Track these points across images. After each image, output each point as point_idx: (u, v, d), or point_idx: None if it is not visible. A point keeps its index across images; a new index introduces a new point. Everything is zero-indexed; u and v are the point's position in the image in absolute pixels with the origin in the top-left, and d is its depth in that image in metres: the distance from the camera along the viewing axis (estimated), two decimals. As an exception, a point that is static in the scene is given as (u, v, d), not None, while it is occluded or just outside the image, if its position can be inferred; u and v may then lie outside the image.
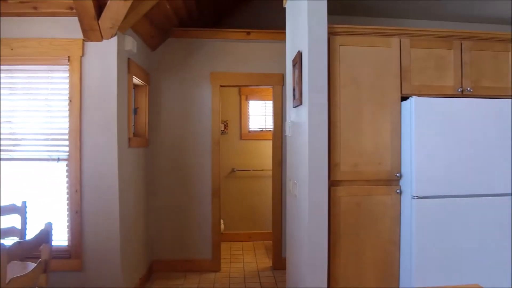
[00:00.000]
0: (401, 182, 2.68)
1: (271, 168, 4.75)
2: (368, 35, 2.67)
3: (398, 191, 2.67)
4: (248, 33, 4.33)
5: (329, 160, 2.58)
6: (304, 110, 2.59)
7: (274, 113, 4.39)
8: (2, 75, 3.23)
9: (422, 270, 2.56)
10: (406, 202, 2.63)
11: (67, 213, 3.16)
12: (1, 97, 3.22)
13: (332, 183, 2.61)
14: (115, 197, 3.16)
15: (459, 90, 2.72)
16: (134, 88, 3.90)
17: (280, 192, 4.41)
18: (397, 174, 2.66)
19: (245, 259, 4.84)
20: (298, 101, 2.66)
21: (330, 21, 2.57)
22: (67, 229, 3.17)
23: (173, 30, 4.25)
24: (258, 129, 5.75)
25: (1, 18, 3.17)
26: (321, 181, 2.53)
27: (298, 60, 2.63)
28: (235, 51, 4.36)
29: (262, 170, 5.61)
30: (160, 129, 4.32)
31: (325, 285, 2.57)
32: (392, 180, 2.69)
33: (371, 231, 2.67)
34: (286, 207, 4.20)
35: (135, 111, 3.97)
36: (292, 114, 3.06)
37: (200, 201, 4.37)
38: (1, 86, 3.23)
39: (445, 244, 2.59)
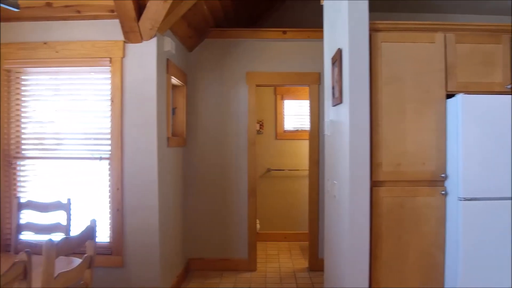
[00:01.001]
0: (447, 183, 2.58)
1: (306, 168, 4.70)
2: (411, 30, 2.58)
3: (443, 192, 2.57)
4: (284, 32, 4.30)
5: (371, 159, 2.51)
6: (344, 108, 2.54)
7: (311, 112, 4.34)
8: (47, 77, 3.35)
9: (468, 275, 2.45)
10: (452, 204, 2.52)
11: (109, 210, 3.25)
12: (47, 98, 3.35)
13: (374, 184, 2.55)
14: (155, 196, 3.22)
15: (509, 87, 2.58)
16: (172, 89, 3.96)
17: (317, 192, 4.35)
18: (442, 175, 2.56)
19: (280, 259, 4.81)
20: (338, 100, 2.60)
21: (371, 18, 2.50)
22: (109, 226, 3.25)
23: (210, 30, 4.29)
24: (294, 129, 5.71)
25: (47, 22, 3.29)
26: (362, 182, 2.47)
27: (338, 57, 2.58)
28: (271, 50, 4.35)
29: (297, 170, 5.56)
30: (198, 129, 4.36)
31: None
32: (436, 181, 2.59)
33: (414, 234, 2.58)
34: (322, 207, 4.15)
35: (173, 111, 4.03)
36: (331, 113, 3.01)
37: (236, 200, 4.38)
38: (47, 88, 3.35)
39: (493, 248, 2.46)
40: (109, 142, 3.23)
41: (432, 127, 2.56)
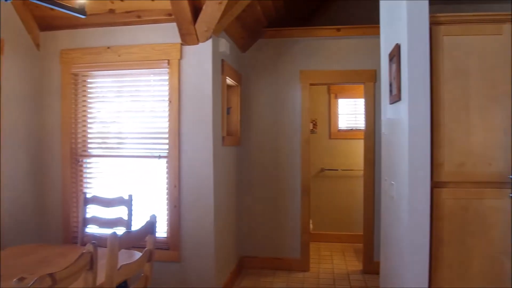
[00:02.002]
0: (516, 185, 2.40)
1: (361, 168, 4.59)
2: (476, 22, 2.42)
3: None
4: (338, 30, 4.23)
5: (432, 159, 2.40)
6: (403, 106, 2.45)
7: (366, 111, 4.23)
8: (110, 79, 3.53)
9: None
10: (522, 207, 2.34)
11: (167, 207, 3.37)
12: (110, 99, 3.53)
13: (435, 184, 2.42)
14: (210, 193, 3.29)
15: None
16: (227, 89, 4.03)
17: (372, 193, 4.23)
18: (511, 176, 2.39)
19: (334, 260, 4.74)
20: (396, 97, 2.51)
21: (431, 11, 2.39)
22: (166, 222, 3.37)
23: (263, 31, 4.31)
24: (348, 128, 5.60)
25: (110, 27, 3.48)
26: (422, 182, 2.36)
27: (396, 53, 2.49)
28: (325, 48, 4.29)
29: (351, 170, 5.45)
30: (251, 128, 4.41)
31: (426, 293, 2.40)
32: (504, 183, 2.42)
33: (480, 239, 2.43)
34: (378, 208, 4.03)
35: (228, 111, 4.10)
36: (389, 111, 2.91)
37: (289, 199, 4.37)
38: (110, 90, 3.54)
39: None
40: (167, 141, 3.35)
41: (498, 125, 2.40)
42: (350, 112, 5.64)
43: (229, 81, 3.85)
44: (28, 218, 3.48)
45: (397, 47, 2.48)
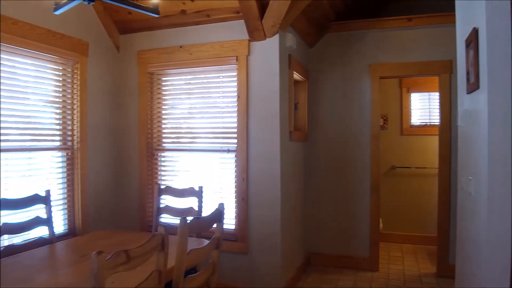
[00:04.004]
0: None
1: (435, 166, 4.35)
2: None
3: None
4: (410, 20, 4.04)
5: (514, 152, 2.21)
6: (482, 95, 2.28)
7: (441, 104, 4.00)
8: (182, 77, 3.71)
9: None
10: None
11: (235, 199, 3.46)
12: (182, 96, 3.70)
13: (518, 179, 2.23)
14: (277, 187, 3.32)
15: None
16: (294, 84, 4.04)
17: (448, 192, 3.99)
18: None
19: (405, 262, 4.54)
20: (474, 85, 2.35)
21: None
22: (234, 214, 3.46)
23: (330, 25, 4.26)
24: (421, 124, 5.33)
25: (182, 27, 3.65)
26: (503, 177, 2.18)
27: (473, 38, 2.33)
28: (395, 40, 4.13)
29: (425, 168, 5.17)
30: (319, 123, 4.37)
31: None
32: None
33: None
34: (454, 209, 3.80)
35: (296, 106, 4.10)
36: (466, 101, 2.73)
37: (358, 197, 4.27)
38: (182, 87, 3.71)
39: None
40: (235, 135, 3.45)
41: None
42: (424, 107, 5.36)
43: (296, 76, 3.86)
44: (108, 206, 3.78)
45: (475, 32, 2.32)
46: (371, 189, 4.21)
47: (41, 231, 2.79)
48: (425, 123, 5.31)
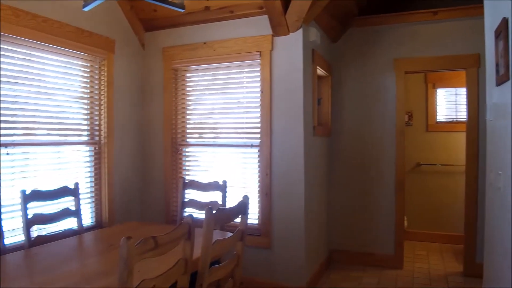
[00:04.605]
0: None
1: (462, 163, 4.26)
2: None
3: None
4: (435, 13, 3.96)
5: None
6: (512, 86, 2.22)
7: (468, 99, 3.90)
8: (205, 73, 3.74)
9: None
10: None
11: (258, 194, 3.47)
12: (205, 92, 3.74)
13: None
14: (301, 183, 3.32)
15: None
16: (317, 79, 4.02)
17: (475, 190, 3.89)
18: None
19: (430, 260, 4.46)
20: (504, 77, 2.29)
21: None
22: (258, 209, 3.48)
23: (353, 20, 4.22)
24: (448, 120, 5.22)
25: (205, 24, 3.68)
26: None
27: (503, 28, 2.27)
28: (421, 34, 4.06)
29: (451, 165, 5.07)
30: (343, 119, 4.34)
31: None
32: None
33: None
34: (482, 207, 3.71)
35: (319, 101, 4.09)
36: (495, 94, 2.66)
37: (382, 194, 4.22)
38: (206, 83, 3.74)
39: None
40: (259, 130, 3.46)
41: None
42: (450, 103, 5.25)
43: (319, 71, 3.84)
44: (133, 199, 3.86)
45: (504, 22, 2.26)
46: (396, 186, 4.15)
47: (70, 223, 2.87)
48: (451, 120, 5.20)
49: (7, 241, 2.58)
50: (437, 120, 5.23)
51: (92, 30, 3.34)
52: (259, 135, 3.46)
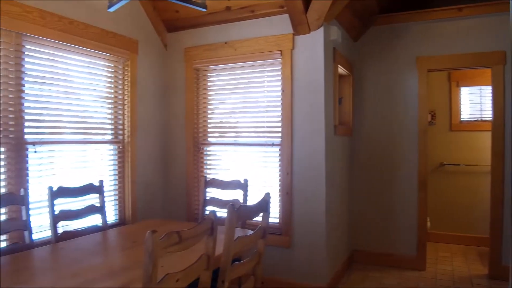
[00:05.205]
0: None
1: (487, 163, 4.17)
2: None
3: None
4: (460, 9, 3.89)
5: None
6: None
7: (494, 98, 3.81)
8: (226, 72, 3.77)
9: None
10: None
11: (279, 193, 3.48)
12: (226, 91, 3.77)
13: None
14: (322, 182, 3.31)
15: None
16: (338, 78, 4.00)
17: (501, 190, 3.80)
18: None
19: (454, 262, 4.37)
20: (532, 74, 2.24)
21: None
22: (278, 208, 3.48)
23: (375, 18, 4.19)
24: (472, 119, 5.11)
25: (226, 24, 3.71)
26: None
27: (531, 25, 2.23)
28: (444, 31, 3.99)
29: (476, 165, 4.96)
30: (364, 118, 4.31)
31: None
32: None
33: None
34: (508, 208, 3.63)
35: (340, 100, 4.06)
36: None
37: (404, 194, 4.16)
38: (227, 82, 3.77)
39: None
40: (279, 129, 3.47)
41: None
42: (474, 102, 5.14)
43: (341, 70, 3.83)
44: (155, 197, 3.92)
45: (533, 17, 2.21)
46: (419, 186, 4.09)
47: (94, 219, 2.94)
48: (475, 119, 5.09)
49: (35, 236, 2.66)
50: (461, 119, 5.12)
51: (116, 31, 3.41)
52: (279, 134, 3.47)
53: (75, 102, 3.13)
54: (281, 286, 3.44)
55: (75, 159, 3.17)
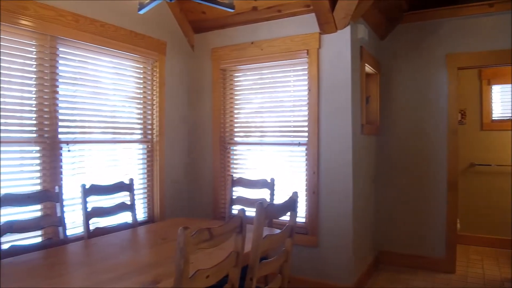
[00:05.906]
0: None
1: (522, 163, 4.04)
2: None
3: None
4: (491, 5, 3.78)
5: None
6: None
7: (528, 96, 3.70)
8: (253, 72, 3.79)
9: None
10: None
11: (305, 192, 3.47)
12: (253, 91, 3.79)
13: None
14: (349, 181, 3.28)
15: None
16: (365, 77, 3.96)
17: (536, 190, 3.68)
18: None
19: (484, 265, 4.25)
20: None
21: None
22: (305, 208, 3.47)
23: (402, 15, 4.12)
24: (505, 118, 4.95)
25: (253, 24, 3.73)
26: None
27: None
28: (475, 27, 3.89)
29: (508, 165, 4.81)
30: (391, 117, 4.25)
31: None
32: None
33: None
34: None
35: (367, 99, 4.02)
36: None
37: (433, 195, 4.08)
38: (253, 82, 3.79)
39: None
40: (306, 128, 3.46)
41: None
42: (507, 100, 4.98)
43: (368, 69, 3.79)
44: (183, 196, 3.99)
45: None
46: (448, 187, 4.00)
47: (124, 217, 3.01)
48: (508, 118, 4.94)
49: (68, 232, 2.75)
50: (493, 118, 4.98)
51: (145, 33, 3.48)
52: (306, 133, 3.46)
53: (105, 103, 3.21)
54: (307, 285, 3.44)
55: (105, 158, 3.25)
